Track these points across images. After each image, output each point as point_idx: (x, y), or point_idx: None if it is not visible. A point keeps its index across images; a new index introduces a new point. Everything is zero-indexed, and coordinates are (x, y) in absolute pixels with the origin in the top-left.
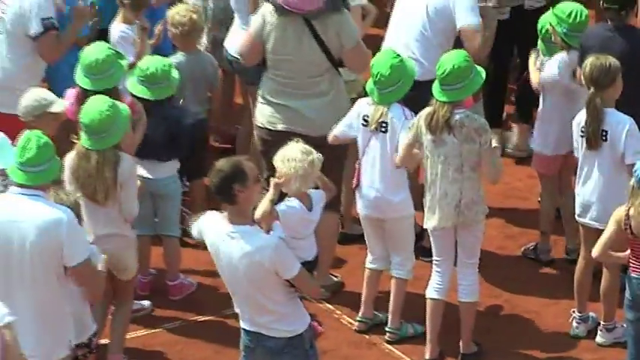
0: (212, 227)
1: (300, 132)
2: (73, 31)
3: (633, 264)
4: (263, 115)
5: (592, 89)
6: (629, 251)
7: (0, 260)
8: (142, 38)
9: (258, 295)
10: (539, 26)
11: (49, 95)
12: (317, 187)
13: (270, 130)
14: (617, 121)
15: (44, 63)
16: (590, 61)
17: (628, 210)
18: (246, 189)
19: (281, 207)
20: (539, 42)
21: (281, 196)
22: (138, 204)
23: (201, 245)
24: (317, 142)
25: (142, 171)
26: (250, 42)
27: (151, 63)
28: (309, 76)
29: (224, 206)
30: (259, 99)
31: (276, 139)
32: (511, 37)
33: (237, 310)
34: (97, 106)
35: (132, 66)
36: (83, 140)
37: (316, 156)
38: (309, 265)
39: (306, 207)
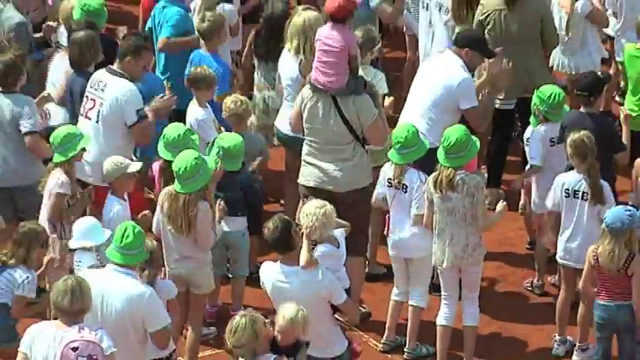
0: (267, 273)
1: (328, 189)
2: (154, 116)
3: (600, 292)
4: (302, 173)
5: (588, 159)
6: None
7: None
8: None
9: (313, 321)
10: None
11: (125, 159)
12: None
13: (305, 186)
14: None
15: (133, 144)
16: (581, 135)
17: (597, 248)
18: (298, 236)
19: (317, 252)
20: (532, 117)
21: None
22: (213, 237)
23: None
24: (343, 199)
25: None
26: (295, 113)
27: (230, 141)
28: (335, 143)
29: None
30: (302, 161)
31: (311, 193)
32: (514, 119)
33: None
34: (187, 157)
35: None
36: (175, 185)
37: (328, 207)
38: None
39: (334, 246)
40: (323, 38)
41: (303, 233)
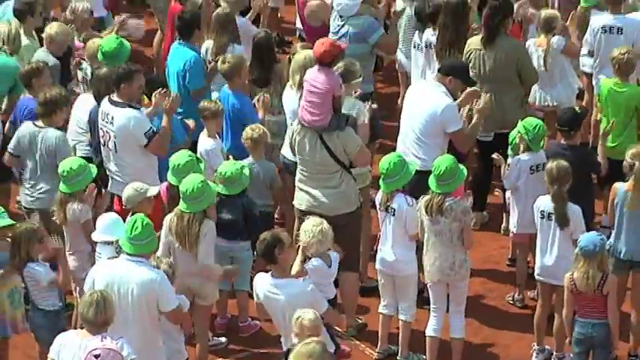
0: (260, 284)
1: (317, 212)
2: (167, 128)
3: (579, 311)
4: (296, 197)
5: (555, 186)
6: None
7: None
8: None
9: None
10: (510, 139)
11: (144, 185)
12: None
13: (298, 209)
14: (572, 210)
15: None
16: (554, 164)
17: (572, 274)
18: (283, 252)
19: (308, 265)
20: (509, 149)
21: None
22: (213, 255)
23: None
24: (332, 221)
25: (223, 243)
26: (289, 145)
27: (228, 168)
28: (323, 172)
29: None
30: (296, 186)
31: (303, 216)
32: (494, 150)
33: (284, 346)
34: (193, 180)
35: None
36: (181, 205)
37: (325, 225)
38: (330, 302)
39: (326, 264)
40: (310, 80)
41: (299, 247)
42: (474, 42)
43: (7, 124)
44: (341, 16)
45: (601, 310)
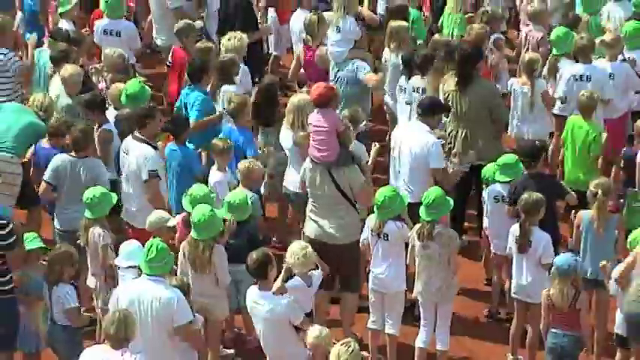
0: (248, 296)
1: (324, 241)
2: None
3: (552, 323)
4: (306, 226)
5: (524, 216)
6: None
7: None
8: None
9: (278, 339)
10: (482, 175)
11: (166, 215)
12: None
13: (308, 237)
14: (540, 236)
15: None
16: (523, 198)
17: (549, 291)
18: (273, 269)
19: (289, 284)
20: (484, 186)
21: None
22: (228, 277)
23: None
24: (337, 248)
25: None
26: (300, 181)
27: (236, 196)
28: (331, 205)
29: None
30: (307, 216)
31: (312, 242)
32: (470, 181)
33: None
34: (203, 211)
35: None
36: (192, 233)
37: (309, 250)
38: (307, 315)
39: (306, 283)
40: (313, 122)
41: (284, 266)
42: (449, 84)
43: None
44: (335, 63)
45: (572, 323)
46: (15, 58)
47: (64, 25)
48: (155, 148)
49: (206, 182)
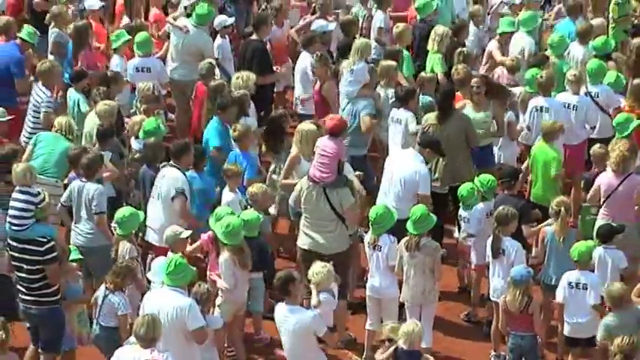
0: (277, 312)
1: (317, 252)
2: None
3: (510, 326)
4: (300, 238)
5: (496, 225)
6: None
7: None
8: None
9: (303, 349)
10: (458, 194)
11: (179, 229)
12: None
13: (302, 249)
14: (511, 245)
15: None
16: (498, 211)
17: (505, 298)
18: (295, 286)
19: (321, 297)
20: (461, 205)
21: None
22: (231, 280)
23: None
24: (329, 258)
25: None
26: (296, 197)
27: (249, 216)
28: (323, 219)
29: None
30: (300, 230)
31: (305, 255)
32: (448, 200)
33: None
34: (228, 219)
35: None
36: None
37: (329, 267)
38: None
39: (332, 296)
40: (322, 146)
41: (312, 284)
42: (430, 118)
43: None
44: (347, 99)
45: (527, 325)
46: (49, 101)
47: (116, 60)
48: (185, 175)
49: (219, 203)
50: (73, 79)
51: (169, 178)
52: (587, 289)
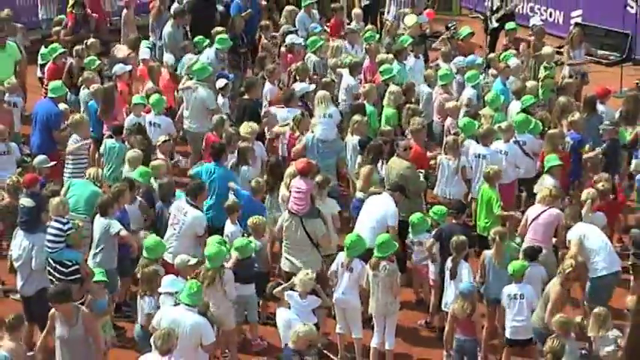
0: (280, 314)
1: (294, 272)
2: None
3: (456, 330)
4: (282, 262)
5: (455, 254)
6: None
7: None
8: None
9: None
10: (410, 221)
11: (188, 257)
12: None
13: (284, 270)
14: (465, 267)
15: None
16: (454, 240)
17: (454, 306)
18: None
19: (308, 298)
20: (411, 230)
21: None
22: (235, 291)
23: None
24: None
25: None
26: (278, 228)
27: (242, 242)
28: (300, 245)
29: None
30: (282, 254)
31: (288, 275)
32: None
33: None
34: (212, 248)
35: None
36: (206, 264)
37: (311, 274)
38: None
39: (317, 298)
40: (295, 185)
41: (298, 289)
42: (392, 164)
43: None
44: (323, 140)
45: (469, 330)
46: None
47: (130, 116)
48: (202, 211)
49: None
50: (114, 131)
51: (195, 217)
52: (523, 297)
